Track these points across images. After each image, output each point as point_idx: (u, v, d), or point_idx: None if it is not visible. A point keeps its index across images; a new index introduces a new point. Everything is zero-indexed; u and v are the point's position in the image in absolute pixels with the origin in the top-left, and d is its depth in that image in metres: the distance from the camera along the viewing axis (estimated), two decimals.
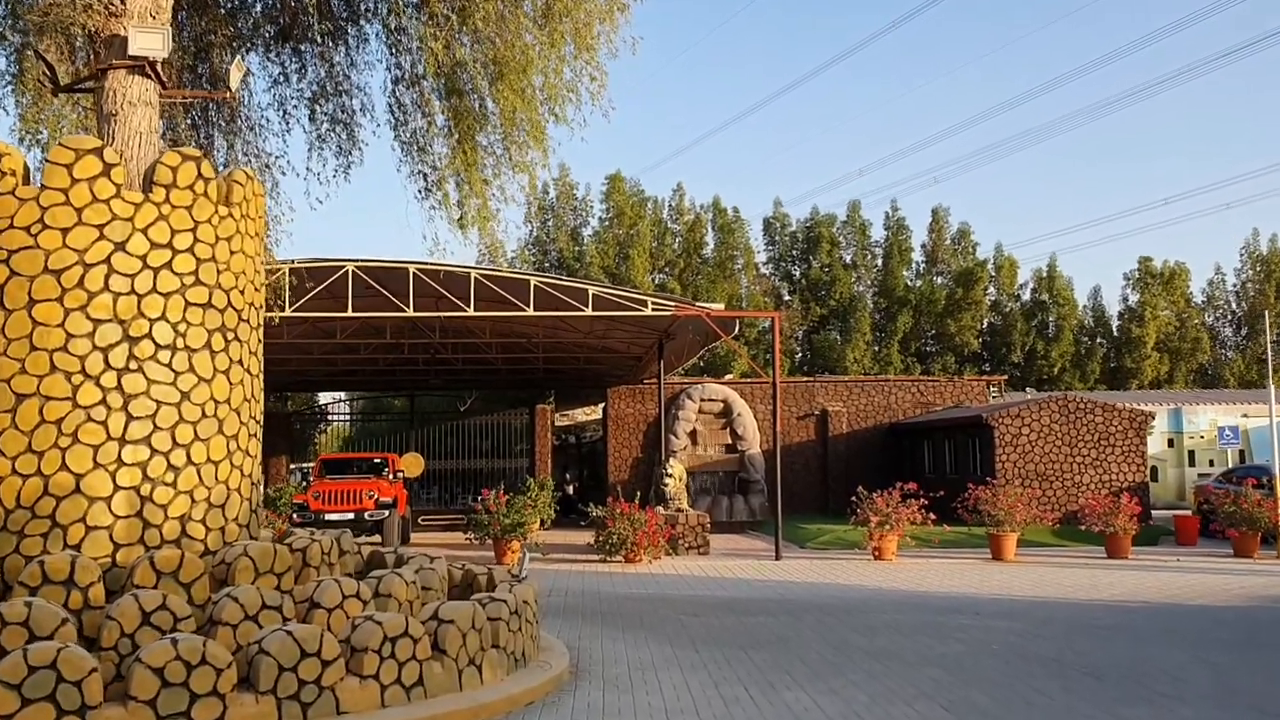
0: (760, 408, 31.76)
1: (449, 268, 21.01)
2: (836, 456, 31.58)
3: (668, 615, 13.53)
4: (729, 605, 14.48)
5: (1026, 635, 11.89)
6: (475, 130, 12.94)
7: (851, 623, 12.82)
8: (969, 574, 18.39)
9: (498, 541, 20.73)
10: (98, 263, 8.76)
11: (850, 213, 47.68)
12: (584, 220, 45.60)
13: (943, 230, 48.41)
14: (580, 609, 14.17)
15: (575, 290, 21.47)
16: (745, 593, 15.94)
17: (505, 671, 8.71)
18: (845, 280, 45.90)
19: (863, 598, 15.31)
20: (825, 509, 30.97)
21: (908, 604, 14.58)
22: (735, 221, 45.92)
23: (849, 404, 32.05)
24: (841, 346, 44.04)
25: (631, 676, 9.60)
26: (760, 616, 13.38)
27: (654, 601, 14.92)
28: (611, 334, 26.94)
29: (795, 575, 18.42)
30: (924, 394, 32.16)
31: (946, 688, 9.16)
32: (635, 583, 17.41)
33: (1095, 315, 48.90)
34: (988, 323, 47.73)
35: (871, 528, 20.72)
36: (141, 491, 8.72)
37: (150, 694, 6.69)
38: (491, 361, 31.11)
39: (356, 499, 23.56)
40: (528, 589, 9.68)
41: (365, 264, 20.97)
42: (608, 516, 20.65)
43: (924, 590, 16.18)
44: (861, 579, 17.78)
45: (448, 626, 8.14)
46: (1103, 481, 25.60)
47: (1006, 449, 25.66)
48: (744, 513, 30.40)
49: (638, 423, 32.02)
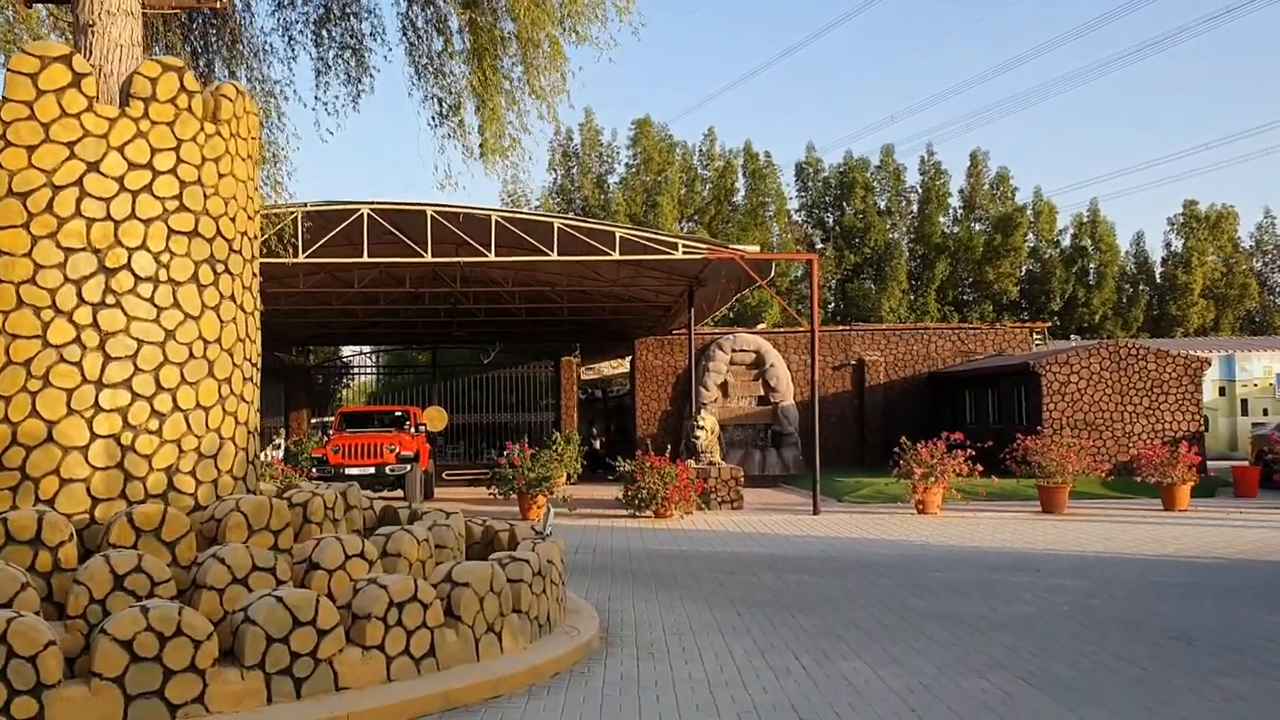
0: (794, 358, 30.71)
1: (468, 210, 20.01)
2: (873, 407, 30.53)
3: (703, 573, 12.61)
4: (768, 562, 13.54)
5: (1096, 595, 10.88)
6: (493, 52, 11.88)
7: (902, 581, 11.86)
8: (1020, 528, 17.37)
9: (522, 497, 19.88)
10: (68, 185, 7.82)
11: (884, 158, 46.26)
12: (610, 167, 44.42)
13: (981, 175, 46.91)
14: (609, 567, 13.28)
15: (601, 233, 20.42)
16: (784, 549, 15.00)
17: (528, 639, 7.80)
18: (880, 227, 44.57)
19: (910, 554, 14.34)
20: (862, 462, 29.98)
21: (960, 560, 13.59)
22: (767, 167, 44.63)
23: (886, 353, 30.93)
24: (876, 295, 42.84)
25: (668, 643, 8.68)
26: (803, 575, 12.43)
27: (688, 558, 14.01)
28: (639, 281, 25.90)
29: (835, 530, 17.46)
30: (964, 342, 30.99)
31: (1020, 656, 8.18)
32: (667, 539, 16.52)
33: (1138, 262, 47.40)
34: (1026, 270, 46.34)
35: (915, 480, 19.71)
36: (122, 441, 7.83)
37: (117, 670, 5.81)
38: (515, 312, 30.16)
39: (377, 453, 22.78)
40: (553, 547, 8.76)
41: (381, 206, 19.99)
42: (637, 470, 19.74)
43: (975, 546, 15.18)
44: (906, 534, 16.80)
45: (462, 590, 7.22)
46: (1155, 431, 24.45)
47: (1054, 397, 24.52)
48: (777, 466, 29.46)
49: (666, 375, 31.05)
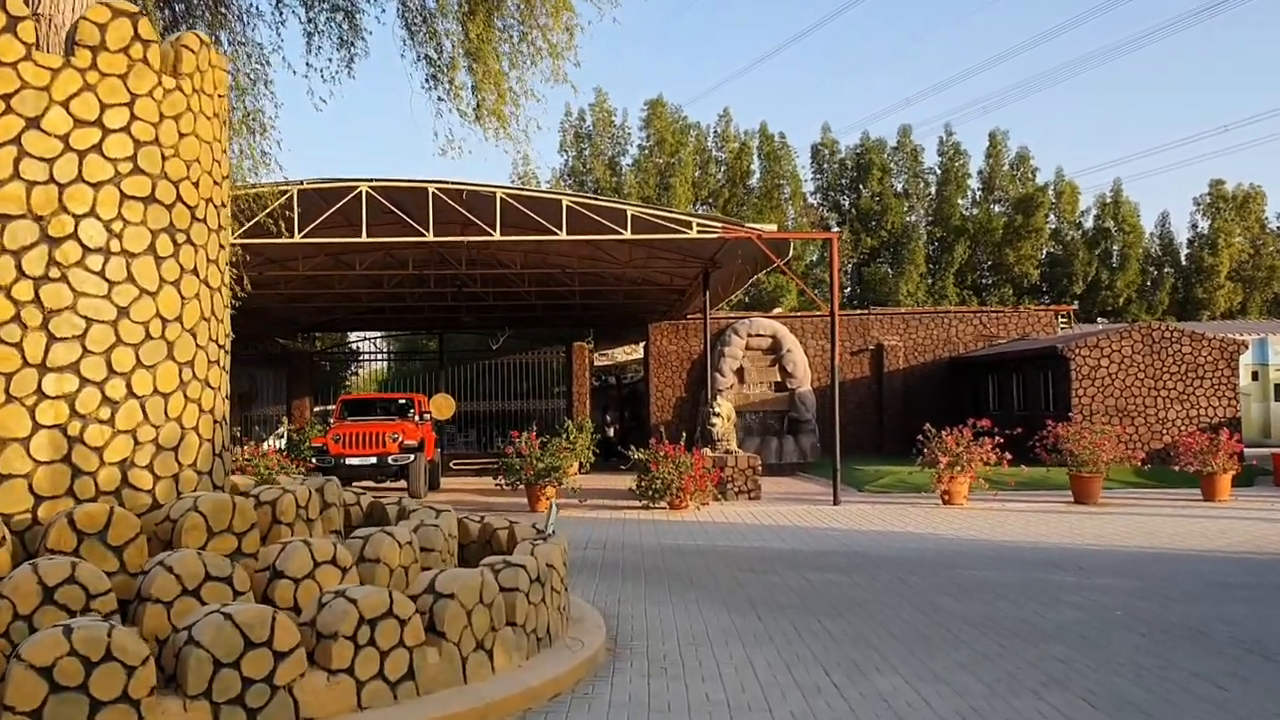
0: (811, 343, 29.74)
1: (472, 187, 19.11)
2: (893, 393, 29.55)
3: (721, 571, 11.71)
4: (790, 559, 12.63)
5: (1151, 598, 9.94)
6: (488, 6, 10.94)
7: (936, 581, 10.93)
8: (1054, 521, 16.41)
9: (530, 488, 19.00)
10: (4, 143, 6.92)
11: (901, 139, 45.12)
12: (622, 149, 43.40)
13: (1000, 155, 45.70)
14: (620, 564, 12.39)
15: (612, 211, 19.48)
16: (806, 544, 14.09)
17: (524, 655, 6.91)
18: (897, 209, 43.47)
19: (940, 549, 13.41)
20: (881, 449, 29.01)
21: (996, 557, 12.65)
22: (782, 149, 43.53)
23: (905, 338, 29.93)
24: (894, 279, 41.79)
25: (683, 654, 7.79)
26: (828, 573, 11.52)
27: (704, 554, 13.11)
28: (652, 264, 24.98)
29: (858, 523, 16.54)
30: (986, 326, 29.97)
31: (1078, 671, 7.26)
32: (681, 532, 15.62)
33: (1163, 243, 46.18)
34: (1047, 253, 45.17)
35: (940, 469, 18.77)
36: (69, 431, 6.96)
37: (33, 703, 4.94)
38: (524, 296, 29.27)
39: (379, 442, 21.92)
40: (555, 549, 7.86)
41: (380, 184, 19.10)
42: (650, 459, 18.85)
43: (1008, 540, 14.23)
44: (933, 527, 15.87)
45: (447, 602, 6.32)
46: (1190, 417, 23.42)
47: (1084, 382, 23.51)
48: (794, 454, 28.54)
49: (681, 360, 30.13)
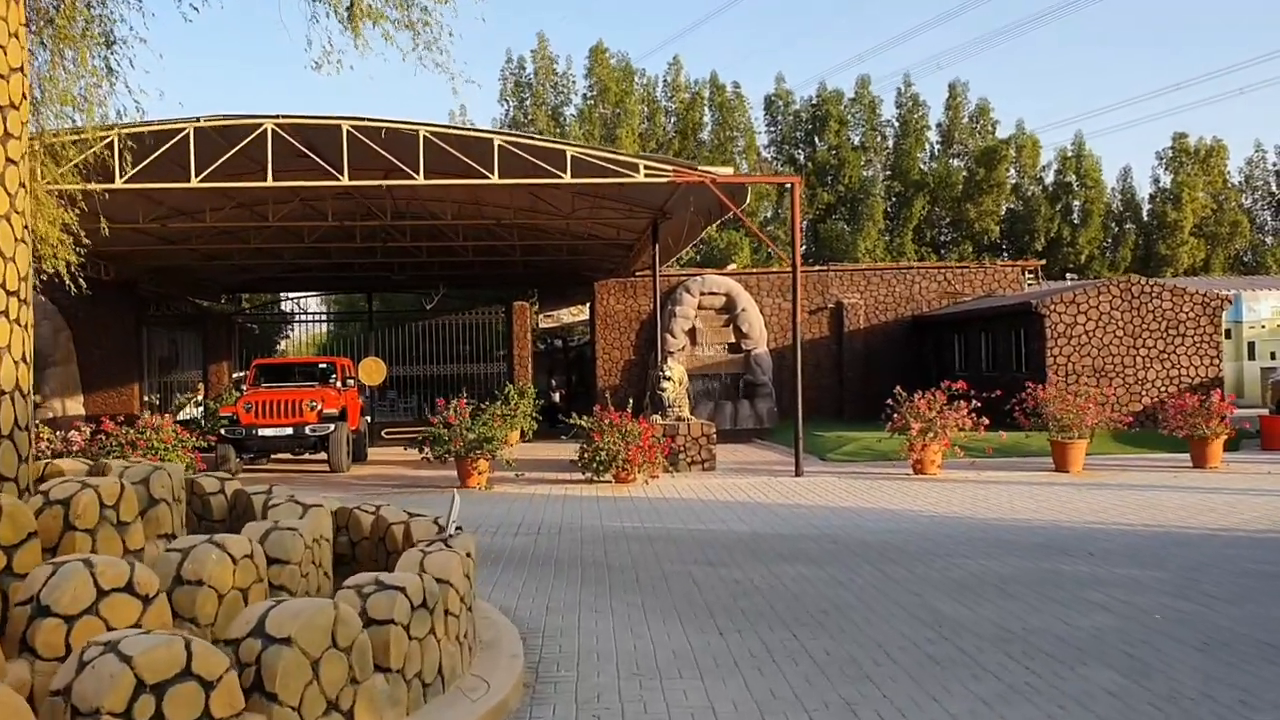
0: (767, 301, 27.99)
1: (392, 124, 16.98)
2: (853, 354, 27.91)
3: (672, 564, 9.90)
4: (753, 546, 10.86)
5: (1189, 595, 8.28)
6: None
7: (928, 575, 9.21)
8: (1040, 494, 14.81)
9: (461, 461, 17.06)
10: None
11: (859, 90, 43.34)
12: (566, 98, 41.20)
13: (959, 108, 44.10)
14: (554, 555, 10.54)
15: (550, 152, 17.46)
16: (771, 525, 12.33)
17: (402, 711, 5.04)
18: (855, 163, 41.75)
19: (922, 531, 11.71)
20: (841, 414, 27.41)
21: (989, 540, 10.97)
22: (735, 100, 41.58)
23: (866, 295, 28.26)
24: (851, 236, 40.11)
25: (623, 693, 5.97)
26: (800, 565, 9.75)
27: (653, 540, 11.30)
28: (598, 215, 22.98)
29: (825, 497, 14.83)
30: (950, 283, 28.38)
31: (1145, 714, 5.54)
32: (628, 511, 13.81)
33: (1125, 199, 44.95)
34: (1008, 209, 43.76)
35: (912, 436, 17.11)
36: None
37: None
38: (460, 252, 27.16)
39: (295, 410, 19.86)
40: (454, 559, 5.99)
41: (288, 121, 16.91)
42: (594, 429, 17.00)
43: (996, 518, 12.58)
44: (909, 502, 14.20)
45: (281, 650, 4.42)
46: (1170, 377, 22.00)
47: (1059, 341, 21.97)
48: (750, 420, 26.83)
49: (629, 320, 28.26)
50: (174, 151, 16.79)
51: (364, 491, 17.25)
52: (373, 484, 18.30)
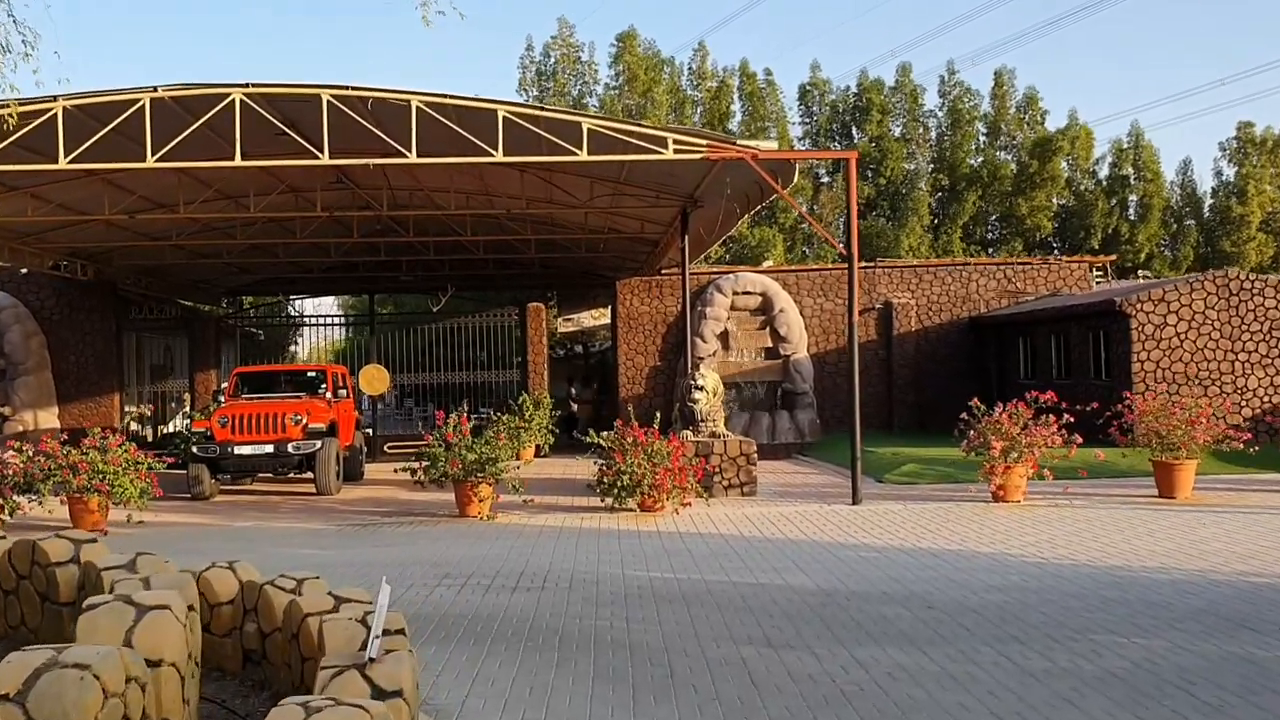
0: (807, 301, 25.43)
1: (380, 94, 14.55)
2: (903, 359, 25.28)
3: (718, 645, 7.34)
4: (822, 613, 8.28)
5: None
6: None
7: (1073, 665, 6.62)
8: (1156, 526, 12.17)
9: (460, 485, 14.56)
10: None
11: (900, 78, 40.63)
12: (589, 88, 38.72)
13: (1006, 97, 41.29)
14: (559, 626, 8.00)
15: (563, 125, 14.95)
16: (838, 576, 9.74)
17: None
18: (897, 155, 39.03)
19: (1037, 586, 9.10)
20: (890, 425, 24.81)
21: (1128, 602, 8.35)
22: (767, 88, 38.98)
23: (918, 294, 25.63)
24: (894, 232, 37.40)
25: None
26: (893, 648, 7.17)
27: (690, 602, 8.75)
28: (620, 206, 20.45)
29: (895, 534, 12.24)
30: (1011, 280, 25.71)
31: None
32: (656, 552, 11.27)
33: (1185, 192, 42.01)
34: (1060, 204, 40.93)
35: (993, 457, 14.48)
36: None
37: None
38: (470, 249, 24.72)
39: (277, 425, 17.46)
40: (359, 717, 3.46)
41: (259, 90, 14.49)
42: (615, 448, 14.48)
43: (1120, 565, 9.95)
44: (1001, 541, 11.58)
45: None
46: (1275, 385, 19.26)
47: (1146, 344, 19.28)
48: (789, 433, 24.27)
49: (655, 323, 25.76)
50: (129, 127, 14.45)
51: (347, 519, 14.82)
52: (360, 510, 15.86)
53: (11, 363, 23.65)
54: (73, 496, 14.03)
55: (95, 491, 13.87)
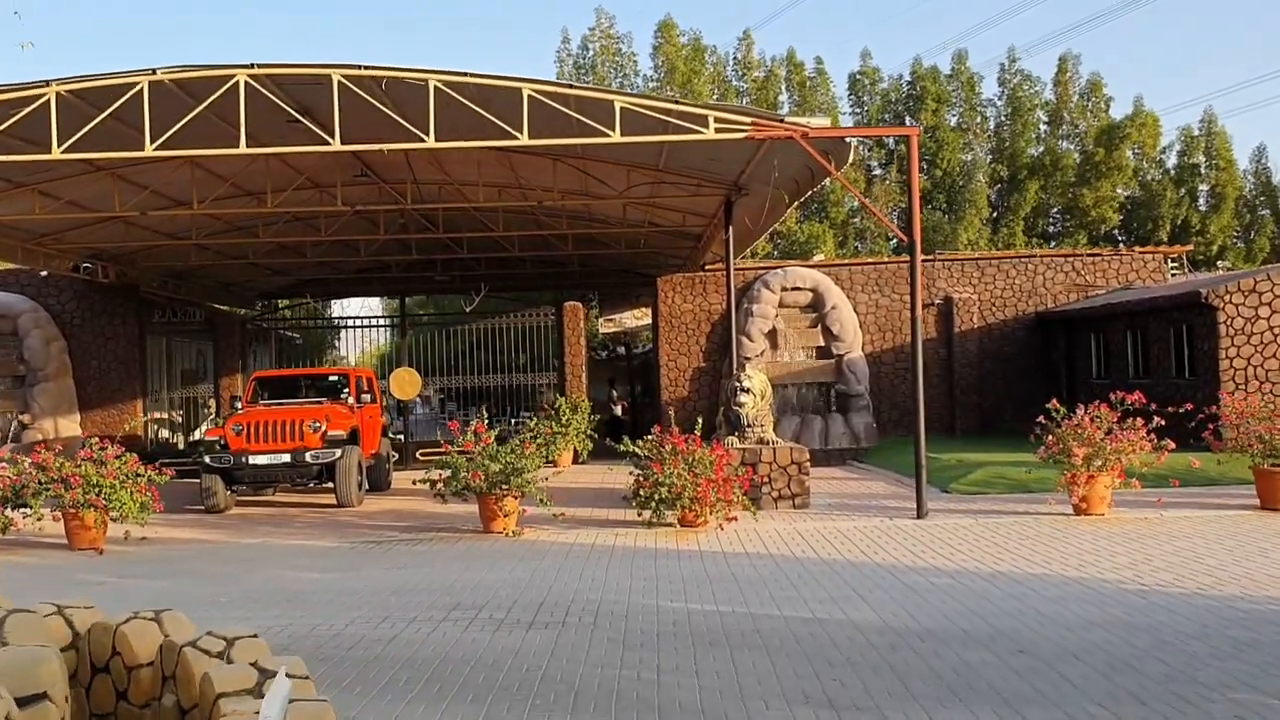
0: (861, 297, 23.94)
1: (395, 73, 13.36)
2: (965, 358, 23.70)
3: (766, 707, 5.99)
4: (892, 660, 6.90)
5: None
6: None
7: None
8: (1270, 546, 10.63)
9: (484, 498, 13.32)
10: None
11: (956, 65, 38.95)
12: (629, 81, 37.46)
13: (1068, 85, 39.43)
14: (575, 677, 6.69)
15: (594, 104, 13.69)
16: (908, 609, 8.35)
17: None
18: (954, 145, 37.35)
19: (1142, 623, 7.66)
20: (952, 429, 23.28)
21: (1260, 645, 6.88)
22: (816, 77, 37.49)
23: (980, 289, 24.03)
24: (951, 225, 35.74)
25: None
26: (983, 710, 5.79)
27: (734, 645, 7.41)
28: (659, 196, 19.16)
29: (969, 554, 10.80)
30: (1080, 273, 24.01)
31: None
32: (696, 578, 9.94)
33: (1258, 182, 39.88)
34: (1127, 195, 39.00)
35: (1075, 465, 12.97)
36: None
37: None
38: (505, 246, 23.54)
39: (294, 434, 16.35)
40: None
41: (264, 71, 13.35)
42: (654, 457, 13.17)
43: (1240, 595, 8.46)
44: (1090, 564, 10.11)
45: None
46: None
47: (1236, 339, 17.60)
48: (844, 438, 22.77)
49: (698, 322, 24.40)
50: (127, 114, 13.40)
51: (364, 535, 13.65)
52: (379, 525, 14.69)
53: (31, 369, 22.82)
54: (67, 512, 13.00)
55: (90, 507, 12.81)
